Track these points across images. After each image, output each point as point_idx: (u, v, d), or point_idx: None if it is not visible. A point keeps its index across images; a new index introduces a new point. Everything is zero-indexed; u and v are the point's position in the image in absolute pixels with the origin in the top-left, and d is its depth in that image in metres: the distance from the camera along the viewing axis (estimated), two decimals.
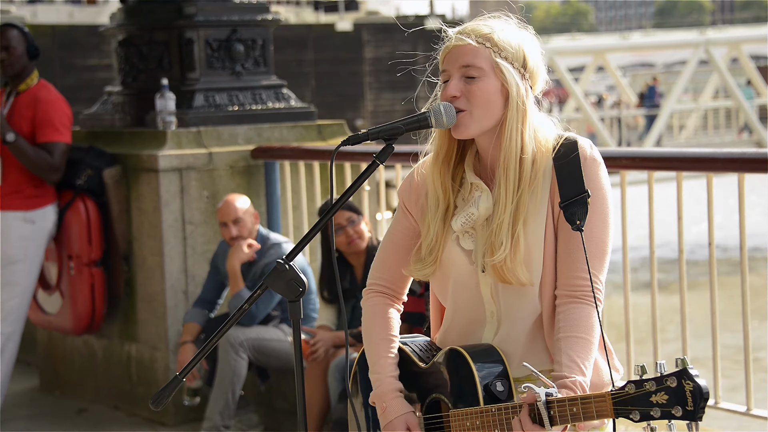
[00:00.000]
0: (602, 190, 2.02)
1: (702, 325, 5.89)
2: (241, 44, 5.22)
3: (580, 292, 1.99)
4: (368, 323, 2.16)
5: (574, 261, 1.99)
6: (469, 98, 2.00)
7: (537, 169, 2.01)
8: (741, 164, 3.57)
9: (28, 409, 5.26)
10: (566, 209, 1.98)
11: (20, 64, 4.79)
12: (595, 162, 2.02)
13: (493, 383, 1.94)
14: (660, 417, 1.69)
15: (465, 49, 2.00)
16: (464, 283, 2.06)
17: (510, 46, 2.01)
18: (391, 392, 2.08)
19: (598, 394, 1.78)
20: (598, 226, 2.01)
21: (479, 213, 2.04)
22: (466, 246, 2.05)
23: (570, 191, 1.98)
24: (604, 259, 2.02)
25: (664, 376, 1.69)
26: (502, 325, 2.03)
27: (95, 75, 12.33)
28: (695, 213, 4.42)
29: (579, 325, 1.96)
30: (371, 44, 15.47)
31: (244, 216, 4.46)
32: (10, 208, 4.80)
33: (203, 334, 4.54)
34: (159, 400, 1.98)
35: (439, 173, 2.07)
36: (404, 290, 2.20)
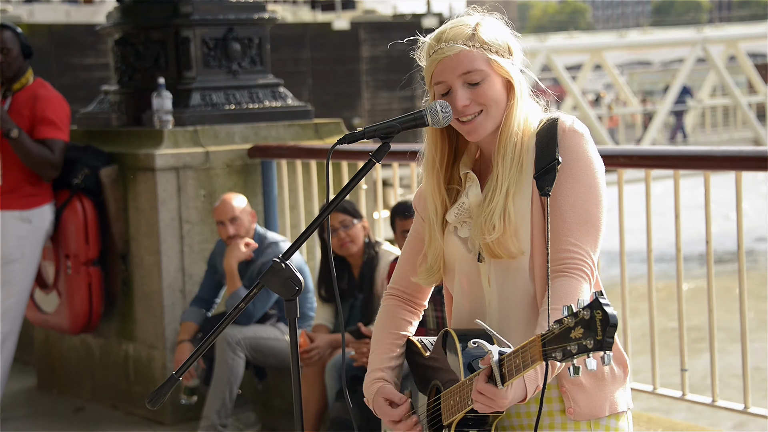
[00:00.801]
0: (584, 161, 1.98)
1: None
2: (237, 43, 5.22)
3: (564, 265, 1.94)
4: (376, 325, 2.19)
5: (557, 233, 1.96)
6: (479, 100, 2.00)
7: (523, 147, 2.01)
8: (739, 162, 3.57)
9: (25, 408, 5.26)
10: (538, 179, 1.97)
11: (17, 65, 4.80)
12: (576, 133, 1.99)
13: (476, 360, 1.93)
14: (577, 352, 1.64)
15: (459, 57, 1.99)
16: (467, 272, 2.05)
17: (496, 40, 2.02)
18: (371, 381, 2.11)
19: (532, 339, 1.74)
20: (582, 197, 1.96)
21: (469, 201, 2.04)
22: (463, 234, 2.05)
23: (543, 162, 1.97)
24: (592, 233, 1.96)
25: (580, 309, 1.64)
26: (500, 312, 2.02)
27: (92, 74, 12.32)
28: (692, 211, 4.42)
29: (558, 298, 1.91)
30: (368, 43, 15.47)
31: (241, 215, 4.46)
32: (7, 207, 4.80)
33: (200, 333, 4.54)
34: (156, 399, 1.98)
35: (435, 180, 2.08)
36: (422, 295, 2.19)
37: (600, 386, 2.01)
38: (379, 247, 4.28)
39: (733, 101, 24.77)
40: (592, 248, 1.96)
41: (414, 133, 2.10)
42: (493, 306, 2.03)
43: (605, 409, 2.01)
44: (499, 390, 1.81)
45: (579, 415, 1.99)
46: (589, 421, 1.99)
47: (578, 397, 1.99)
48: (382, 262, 4.20)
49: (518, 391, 1.86)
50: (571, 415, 1.98)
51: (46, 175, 4.82)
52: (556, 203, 1.96)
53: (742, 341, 3.64)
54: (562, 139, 1.98)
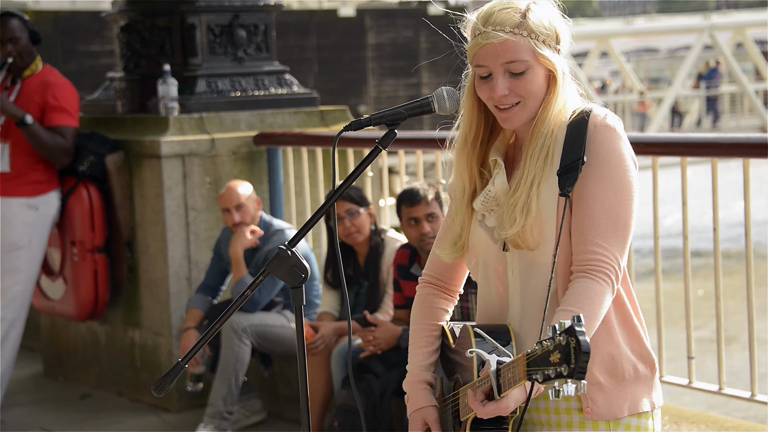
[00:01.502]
0: (616, 158, 1.91)
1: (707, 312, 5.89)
2: (243, 30, 5.20)
3: (587, 266, 1.89)
4: (412, 314, 2.16)
5: (583, 232, 1.90)
6: (518, 92, 1.95)
7: (553, 137, 1.94)
8: (746, 149, 3.56)
9: (32, 394, 5.28)
10: (560, 177, 1.90)
11: (27, 52, 4.81)
12: (608, 128, 1.92)
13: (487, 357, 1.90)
14: (554, 377, 1.61)
15: (504, 46, 1.92)
16: (492, 262, 2.02)
17: (544, 28, 1.95)
18: (417, 383, 2.07)
19: (520, 356, 1.72)
20: (610, 197, 1.89)
21: (495, 189, 1.99)
22: (490, 223, 2.00)
23: (568, 158, 1.90)
24: (621, 235, 1.90)
25: (558, 333, 1.61)
26: (521, 305, 1.99)
27: (97, 61, 12.30)
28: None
29: (575, 299, 1.86)
30: (374, 30, 15.42)
31: (246, 202, 4.46)
32: (14, 194, 4.81)
33: (206, 320, 4.54)
34: (162, 387, 1.97)
35: (465, 158, 2.02)
36: (456, 282, 2.16)
37: (620, 386, 1.96)
38: (385, 234, 4.27)
39: (740, 88, 24.67)
40: (620, 251, 1.90)
41: (420, 120, 2.08)
42: (515, 297, 2.00)
43: (624, 409, 1.95)
44: (499, 402, 1.80)
45: (597, 414, 1.94)
46: (608, 421, 1.95)
47: (596, 397, 1.94)
48: (387, 250, 4.19)
49: (518, 395, 1.83)
50: (588, 414, 1.94)
51: (59, 161, 4.83)
52: (584, 202, 1.90)
53: (749, 330, 3.63)
54: (593, 134, 1.92)
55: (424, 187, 3.93)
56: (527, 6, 1.96)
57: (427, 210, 3.85)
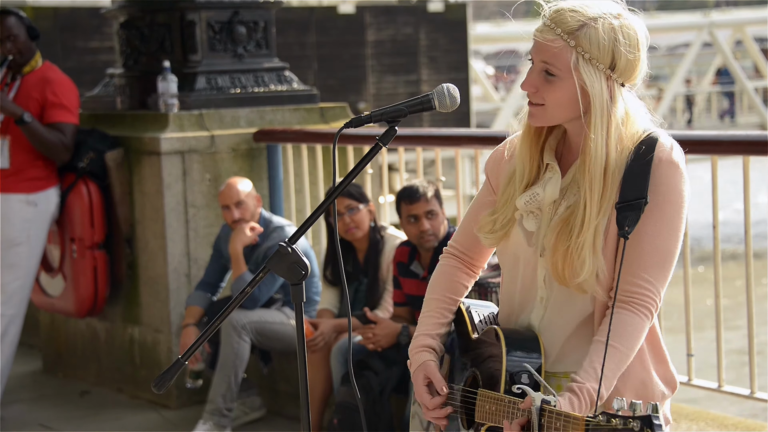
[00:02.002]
0: (675, 196, 1.90)
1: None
2: (243, 26, 5.20)
3: (632, 299, 1.91)
4: (431, 282, 2.15)
5: (631, 265, 1.90)
6: (544, 96, 1.94)
7: (616, 171, 1.91)
8: (746, 147, 3.55)
9: (31, 391, 5.28)
10: (620, 211, 1.88)
11: (26, 49, 4.80)
12: (672, 165, 1.90)
13: (519, 374, 1.92)
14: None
15: (546, 46, 1.92)
16: (523, 261, 2.01)
17: (597, 46, 1.89)
18: (419, 347, 2.08)
19: (576, 416, 1.73)
20: (664, 234, 1.90)
21: (545, 194, 1.97)
22: (529, 227, 1.99)
23: (630, 193, 1.89)
24: (666, 271, 1.92)
25: (631, 417, 1.63)
26: (548, 313, 1.99)
27: (97, 57, 12.28)
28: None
29: (617, 334, 1.88)
30: (374, 27, 15.41)
31: (246, 199, 4.46)
32: (13, 190, 4.81)
33: (206, 317, 4.54)
34: (161, 383, 1.97)
35: (528, 146, 2.00)
36: (481, 259, 2.15)
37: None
38: (385, 231, 4.27)
39: (739, 86, 24.66)
40: (663, 285, 1.93)
41: (420, 118, 2.08)
42: (543, 305, 2.00)
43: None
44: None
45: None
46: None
47: None
48: (387, 247, 4.20)
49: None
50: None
51: (59, 158, 4.84)
52: (635, 235, 1.90)
53: (748, 327, 3.62)
54: (657, 170, 1.90)
55: (424, 184, 3.93)
56: (596, 16, 1.91)
57: (426, 207, 3.85)
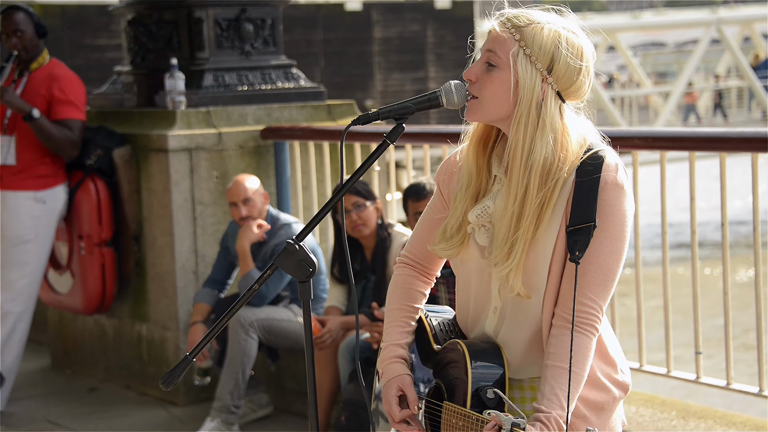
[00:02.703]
0: (619, 217, 1.94)
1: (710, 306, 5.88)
2: (250, 24, 5.19)
3: (578, 319, 1.93)
4: (389, 293, 2.17)
5: (577, 285, 1.93)
6: (481, 86, 1.95)
7: (557, 180, 1.93)
8: (755, 144, 3.54)
9: (40, 387, 5.29)
10: (570, 235, 1.92)
11: (33, 45, 4.82)
12: (617, 187, 1.93)
13: (484, 389, 1.93)
14: None
15: (493, 35, 1.97)
16: (476, 271, 2.04)
17: (538, 45, 1.92)
18: (390, 358, 2.09)
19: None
20: (606, 253, 1.94)
21: (494, 207, 1.99)
22: (481, 241, 2.01)
23: (579, 217, 1.92)
24: (609, 288, 1.96)
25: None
26: (503, 324, 2.02)
27: (104, 55, 12.31)
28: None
29: (568, 356, 1.91)
30: (380, 24, 15.41)
31: (253, 196, 4.46)
32: (22, 187, 4.82)
33: (213, 314, 4.54)
34: (169, 381, 1.97)
35: (474, 153, 2.03)
36: (434, 267, 2.17)
37: (602, 415, 2.03)
38: (392, 228, 4.27)
39: (747, 82, 24.59)
40: (605, 302, 1.97)
41: (427, 115, 2.08)
42: (497, 315, 2.02)
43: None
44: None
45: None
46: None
47: (582, 429, 1.99)
48: (394, 244, 4.19)
49: None
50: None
51: (67, 154, 4.85)
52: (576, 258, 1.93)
53: (757, 325, 3.61)
54: (603, 192, 1.92)
55: (431, 181, 3.93)
56: (546, 21, 1.95)
57: None
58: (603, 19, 30.30)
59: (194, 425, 4.47)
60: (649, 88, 26.28)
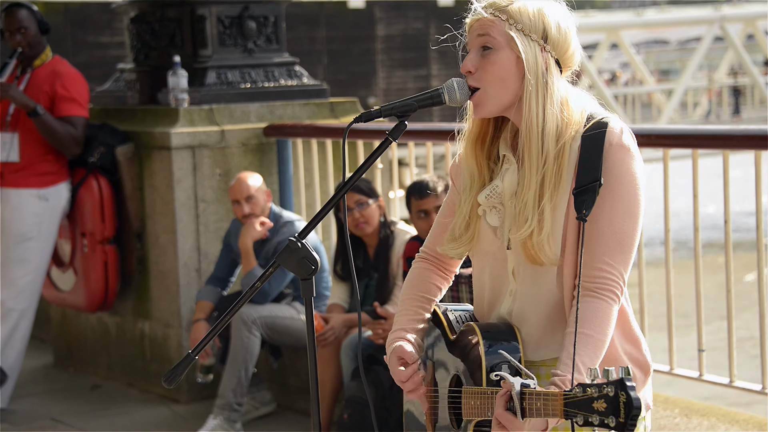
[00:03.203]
0: (628, 178, 1.92)
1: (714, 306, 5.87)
2: (253, 21, 5.20)
3: (596, 285, 1.91)
4: (404, 286, 2.16)
5: (591, 250, 1.91)
6: (482, 73, 1.95)
7: (564, 146, 1.94)
8: (758, 142, 3.53)
9: (42, 385, 5.30)
10: (577, 196, 1.91)
11: (36, 42, 4.83)
12: (623, 148, 1.93)
13: (499, 365, 1.91)
14: (598, 425, 1.65)
15: (480, 22, 1.97)
16: (491, 256, 2.03)
17: (527, 17, 1.95)
18: (392, 339, 2.08)
19: (554, 392, 1.74)
20: (620, 217, 1.92)
21: (503, 186, 1.99)
22: (492, 222, 2.01)
23: (585, 178, 1.91)
24: (626, 253, 1.93)
25: (605, 384, 1.65)
26: (518, 305, 2.00)
27: (107, 52, 12.32)
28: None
29: (587, 321, 1.89)
30: (383, 22, 15.41)
31: (256, 194, 4.46)
32: (24, 185, 4.83)
33: (216, 311, 4.55)
34: (172, 378, 1.97)
35: (472, 150, 2.03)
36: (453, 262, 2.16)
37: None
38: (395, 226, 4.27)
39: (751, 80, 24.56)
40: (625, 268, 1.93)
41: (429, 112, 2.08)
42: (514, 298, 2.01)
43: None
44: (517, 420, 1.79)
45: None
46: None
47: None
48: (397, 242, 4.20)
49: (538, 424, 1.84)
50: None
51: (70, 151, 4.86)
52: (593, 220, 1.92)
53: (760, 325, 3.60)
54: (608, 153, 1.92)
55: (434, 179, 3.93)
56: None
57: (436, 202, 3.85)
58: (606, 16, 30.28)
59: (197, 423, 4.48)
60: (652, 85, 26.26)
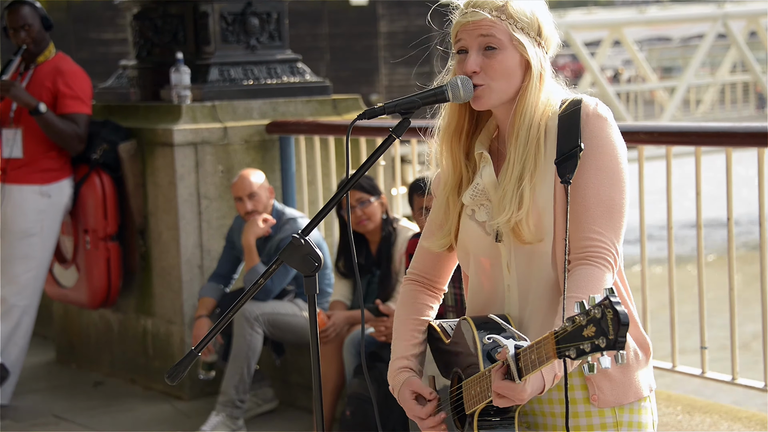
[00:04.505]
0: (608, 146, 1.95)
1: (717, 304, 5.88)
2: (256, 18, 5.20)
3: (586, 253, 1.91)
4: (397, 309, 2.17)
5: (579, 221, 1.92)
6: (488, 72, 1.97)
7: (541, 129, 1.96)
8: (762, 139, 3.53)
9: (45, 381, 5.32)
10: (559, 165, 1.93)
11: (40, 39, 4.84)
12: (600, 117, 1.95)
13: (495, 350, 1.89)
14: (590, 350, 1.62)
15: (481, 23, 1.97)
16: (485, 255, 2.03)
17: (525, 16, 1.98)
18: (396, 370, 2.09)
19: (546, 335, 1.72)
20: (606, 184, 1.93)
21: (483, 182, 2.01)
22: (480, 218, 2.02)
23: (564, 147, 1.93)
24: (614, 219, 1.93)
25: (591, 308, 1.62)
26: (519, 297, 2.00)
27: (110, 49, 12.33)
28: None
29: (581, 286, 1.88)
30: (386, 19, 15.40)
31: (259, 191, 4.47)
32: (27, 181, 4.85)
33: (218, 308, 4.55)
34: (175, 375, 1.97)
35: (449, 145, 2.04)
36: (442, 278, 2.17)
37: (624, 372, 1.99)
38: (397, 223, 4.28)
39: (753, 77, 24.55)
40: (616, 237, 1.93)
41: (431, 109, 2.09)
42: (512, 290, 2.01)
43: (630, 395, 1.99)
44: (516, 385, 1.80)
45: (604, 402, 1.97)
46: (614, 408, 1.98)
47: (603, 385, 1.97)
48: (399, 239, 4.20)
49: (536, 382, 1.85)
50: (595, 402, 1.97)
51: (73, 148, 4.87)
52: (578, 190, 1.93)
53: (762, 321, 3.61)
54: (586, 124, 1.94)
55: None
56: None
57: None
58: (609, 13, 30.25)
59: (199, 419, 4.49)
60: (655, 82, 26.25)
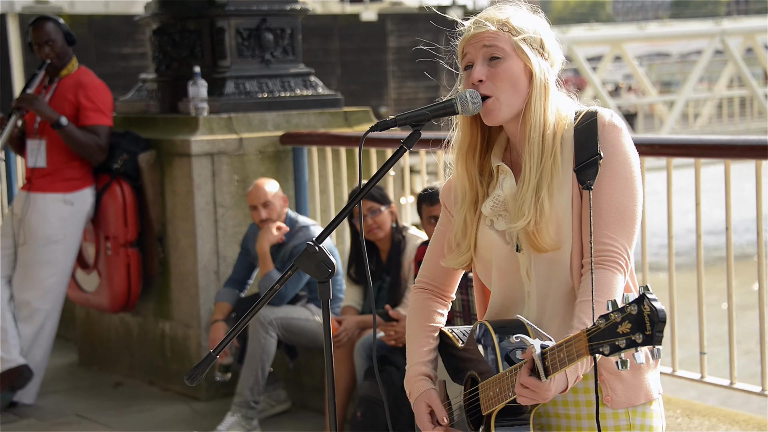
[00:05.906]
0: (622, 155, 1.97)
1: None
2: (270, 33, 5.30)
3: (600, 257, 1.93)
4: (408, 318, 2.19)
5: (593, 226, 1.94)
6: (494, 81, 1.99)
7: (555, 139, 1.99)
8: (760, 151, 3.55)
9: (67, 382, 5.38)
10: (579, 173, 1.96)
11: (63, 53, 4.95)
12: (615, 127, 1.99)
13: (514, 351, 1.92)
14: (625, 346, 1.65)
15: (485, 35, 2.01)
16: (504, 265, 2.04)
17: (527, 30, 2.01)
18: (414, 377, 2.10)
19: (577, 333, 1.74)
20: (619, 191, 1.96)
21: (504, 194, 2.02)
22: (500, 227, 2.03)
23: (584, 156, 1.96)
24: (627, 226, 1.96)
25: (626, 305, 1.65)
26: (538, 304, 2.02)
27: (130, 63, 12.43)
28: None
29: (589, 290, 1.90)
30: (395, 34, 15.49)
31: (273, 199, 4.52)
32: (51, 190, 4.93)
33: (234, 312, 4.58)
34: (194, 376, 1.99)
35: (464, 163, 2.07)
36: (450, 286, 2.19)
37: (636, 375, 2.01)
38: (406, 231, 4.33)
39: (750, 92, 24.61)
40: (628, 242, 1.96)
41: (439, 121, 2.08)
42: (532, 298, 2.02)
43: (641, 396, 2.01)
44: (542, 383, 1.81)
45: (617, 403, 1.99)
46: (627, 410, 2.00)
47: (616, 386, 1.99)
48: (409, 246, 4.26)
49: (560, 382, 1.86)
50: (609, 403, 1.99)
51: (94, 158, 4.95)
52: (593, 197, 1.95)
53: (760, 329, 3.62)
54: (602, 134, 1.98)
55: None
56: (514, 10, 2.05)
57: None
58: (610, 29, 30.33)
59: (215, 419, 4.55)
60: (654, 96, 26.29)
